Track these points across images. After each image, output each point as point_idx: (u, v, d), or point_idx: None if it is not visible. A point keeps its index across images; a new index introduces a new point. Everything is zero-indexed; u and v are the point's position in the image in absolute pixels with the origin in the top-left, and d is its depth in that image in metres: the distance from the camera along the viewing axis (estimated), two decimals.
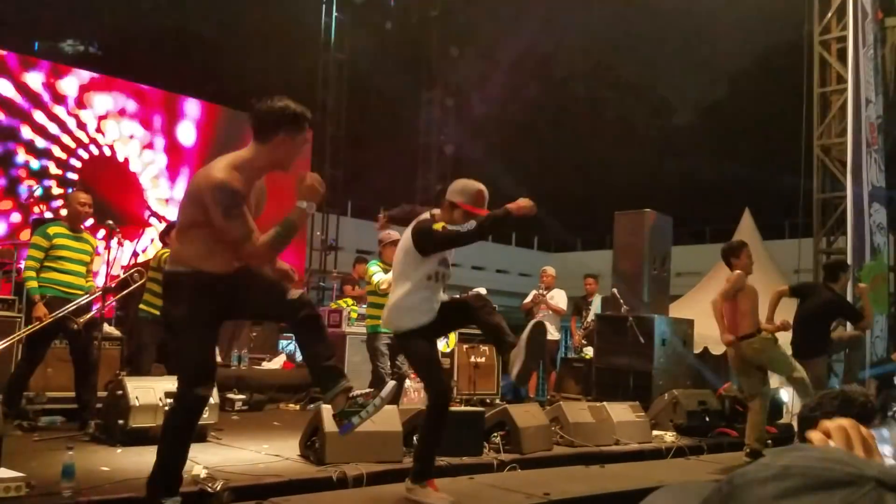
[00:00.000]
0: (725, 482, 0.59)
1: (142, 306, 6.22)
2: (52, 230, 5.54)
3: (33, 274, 5.38)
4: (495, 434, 5.37)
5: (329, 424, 4.64)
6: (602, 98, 22.83)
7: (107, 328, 6.80)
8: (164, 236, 6.33)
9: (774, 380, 9.60)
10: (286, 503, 3.59)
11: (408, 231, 4.00)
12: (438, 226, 3.87)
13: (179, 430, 3.37)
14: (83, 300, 5.52)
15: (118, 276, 6.27)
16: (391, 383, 3.62)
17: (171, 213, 11.12)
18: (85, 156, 11.06)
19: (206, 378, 3.34)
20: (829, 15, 10.27)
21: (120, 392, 4.99)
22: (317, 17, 14.56)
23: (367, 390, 3.59)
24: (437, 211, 4.06)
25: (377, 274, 6.52)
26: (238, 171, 3.18)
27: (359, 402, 3.32)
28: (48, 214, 10.15)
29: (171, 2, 12.83)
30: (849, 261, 8.95)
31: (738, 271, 6.14)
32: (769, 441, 6.19)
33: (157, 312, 6.04)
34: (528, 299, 9.52)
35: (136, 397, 4.91)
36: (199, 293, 3.22)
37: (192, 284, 3.23)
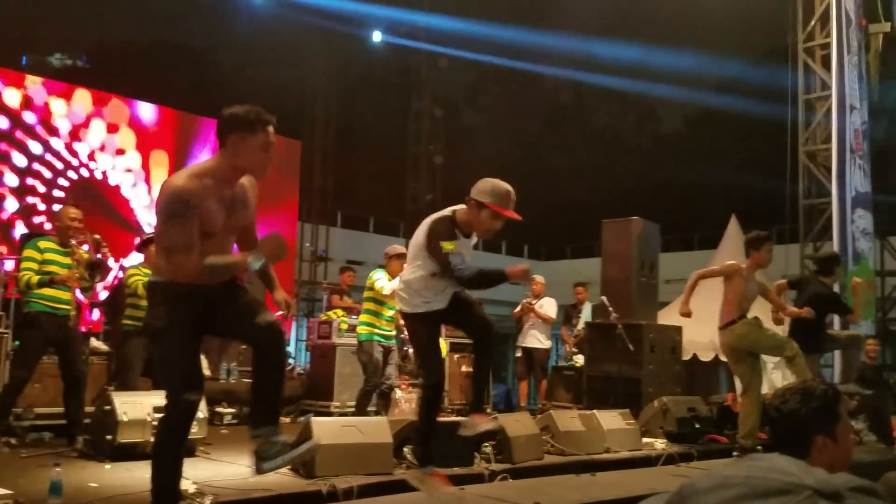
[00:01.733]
0: (675, 492, 0.62)
1: (125, 320, 6.21)
2: (42, 244, 5.52)
3: (31, 274, 5.34)
4: (486, 444, 5.37)
5: (319, 437, 4.64)
6: (590, 105, 22.92)
7: (94, 343, 6.78)
8: (141, 248, 6.34)
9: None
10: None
11: (425, 223, 4.08)
12: (449, 245, 3.92)
13: (172, 442, 3.23)
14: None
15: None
16: (311, 443, 3.50)
17: None
18: (74, 176, 11.01)
19: (194, 384, 3.23)
20: (813, 22, 10.38)
21: (108, 407, 4.97)
22: (304, 29, 14.59)
23: (288, 438, 3.40)
24: (459, 207, 4.09)
25: (381, 280, 6.57)
26: (198, 178, 3.13)
27: (275, 449, 3.25)
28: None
29: (159, 15, 12.83)
30: None
31: (730, 262, 6.18)
32: (759, 447, 6.21)
33: (141, 325, 6.03)
34: (518, 309, 9.53)
35: (125, 412, 4.88)
36: (176, 301, 3.15)
37: (168, 293, 3.17)
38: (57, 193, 10.81)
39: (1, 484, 3.69)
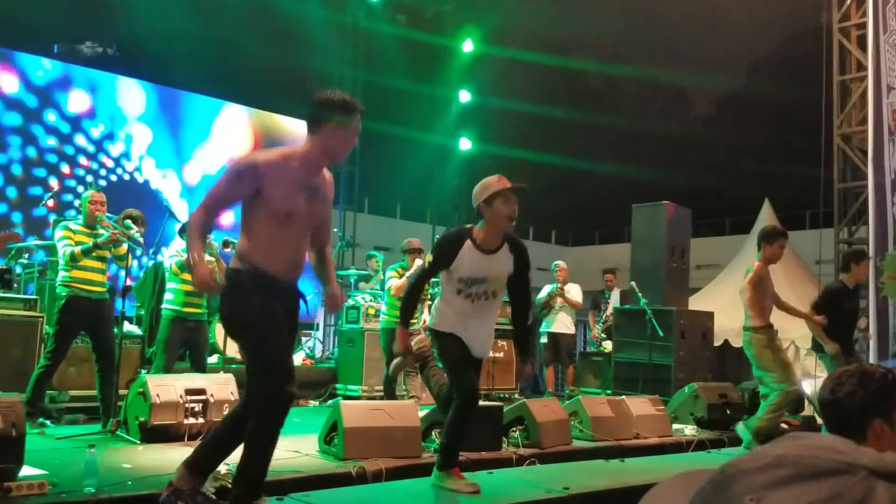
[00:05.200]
0: (719, 472, 0.59)
1: (164, 305, 6.28)
2: (73, 226, 5.60)
3: (72, 244, 5.42)
4: (514, 429, 5.37)
5: (349, 420, 4.67)
6: (619, 89, 22.67)
7: (127, 326, 6.87)
8: (181, 233, 6.40)
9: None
10: (306, 498, 3.59)
11: None
12: (428, 257, 4.10)
13: (271, 433, 3.18)
14: None
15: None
16: None
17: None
18: (105, 173, 11.08)
19: (291, 377, 3.20)
20: (849, 1, 10.12)
21: (141, 390, 5.04)
22: (330, 15, 14.57)
23: None
24: (473, 226, 4.01)
25: (391, 280, 6.95)
26: (284, 158, 3.21)
27: None
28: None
29: (187, 3, 12.89)
30: (871, 250, 8.83)
31: (756, 267, 6.01)
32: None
33: (181, 310, 6.08)
34: (543, 295, 9.45)
35: (157, 395, 4.94)
36: (263, 291, 3.14)
37: (256, 283, 3.14)
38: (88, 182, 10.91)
39: (36, 465, 3.75)
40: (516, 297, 4.21)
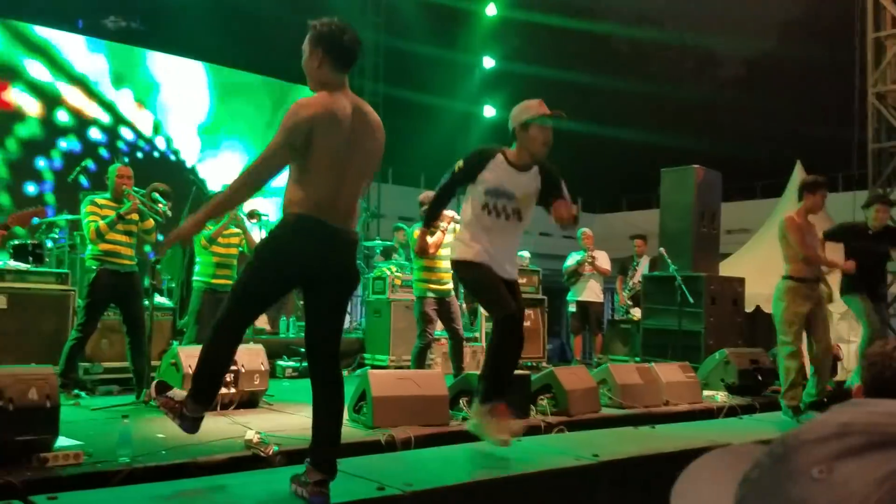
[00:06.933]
0: (778, 442, 0.54)
1: (194, 277, 6.33)
2: (99, 201, 5.64)
3: (98, 219, 5.47)
4: (542, 396, 5.36)
5: (377, 389, 4.69)
6: (646, 51, 22.23)
7: (158, 298, 6.95)
8: None
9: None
10: (338, 465, 3.61)
11: None
12: (459, 163, 3.98)
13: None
14: None
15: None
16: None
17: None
18: (124, 146, 11.12)
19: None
20: None
21: (173, 361, 5.10)
22: None
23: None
24: (507, 148, 3.99)
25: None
26: (328, 100, 3.07)
27: None
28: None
29: None
30: None
31: (787, 215, 5.86)
32: (824, 400, 6.02)
33: (211, 281, 6.14)
34: (571, 263, 9.37)
35: (190, 365, 4.98)
36: None
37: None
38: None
39: (71, 436, 3.81)
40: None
